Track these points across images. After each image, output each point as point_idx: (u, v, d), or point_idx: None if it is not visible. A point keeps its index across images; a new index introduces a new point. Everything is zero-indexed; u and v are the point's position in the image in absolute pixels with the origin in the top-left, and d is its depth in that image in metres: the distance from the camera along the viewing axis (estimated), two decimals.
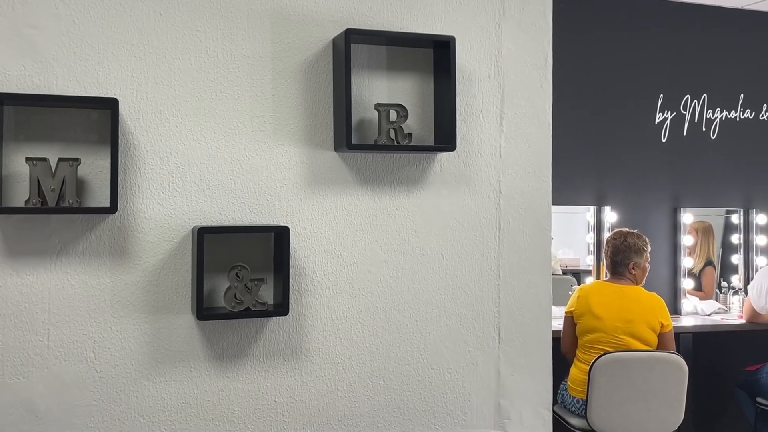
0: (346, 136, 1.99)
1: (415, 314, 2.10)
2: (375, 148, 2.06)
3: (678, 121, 4.33)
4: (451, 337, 2.12)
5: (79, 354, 1.85)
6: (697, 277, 4.47)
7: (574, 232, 4.38)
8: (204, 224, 1.94)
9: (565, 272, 4.49)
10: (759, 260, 4.39)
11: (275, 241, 1.99)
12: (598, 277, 4.18)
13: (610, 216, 4.18)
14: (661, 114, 4.30)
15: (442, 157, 2.17)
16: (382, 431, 2.05)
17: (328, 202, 2.04)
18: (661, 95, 4.30)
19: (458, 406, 2.11)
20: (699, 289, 4.45)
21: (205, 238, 1.89)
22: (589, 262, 4.35)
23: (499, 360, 2.15)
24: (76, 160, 1.84)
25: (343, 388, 2.02)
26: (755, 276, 3.94)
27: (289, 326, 1.99)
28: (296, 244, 2.00)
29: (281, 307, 1.92)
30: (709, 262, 4.49)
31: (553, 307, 3.91)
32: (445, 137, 2.12)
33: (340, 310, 2.04)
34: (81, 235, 1.87)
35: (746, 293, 3.98)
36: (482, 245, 2.18)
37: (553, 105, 4.03)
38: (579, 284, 4.00)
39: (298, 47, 2.05)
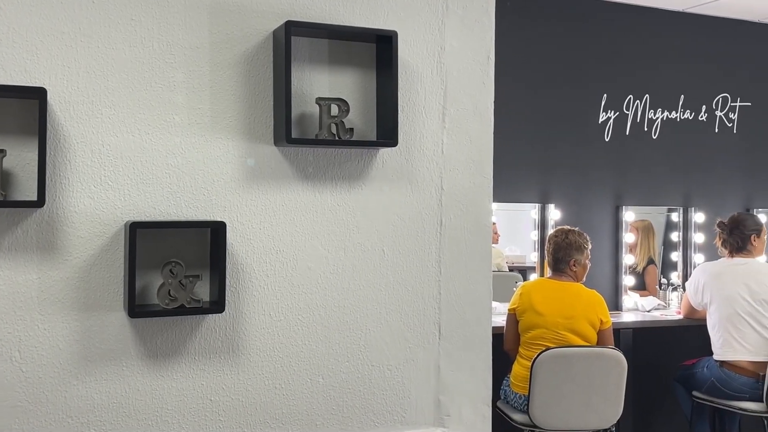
0: (286, 130, 1.96)
1: (356, 311, 2.08)
2: (316, 142, 2.03)
3: (621, 120, 4.41)
4: (392, 334, 2.11)
5: (3, 353, 1.78)
6: (641, 275, 4.56)
7: (521, 230, 4.43)
8: (137, 219, 1.89)
9: (511, 269, 4.54)
10: (697, 257, 4.50)
11: (212, 237, 1.94)
12: (542, 273, 4.23)
13: (554, 213, 4.23)
14: (604, 113, 4.38)
15: (384, 152, 2.15)
16: (320, 429, 2.02)
17: (267, 197, 2.01)
18: (605, 95, 4.37)
19: (398, 403, 2.10)
20: (642, 288, 4.54)
21: (138, 233, 1.84)
22: (533, 258, 4.40)
23: (439, 356, 2.15)
24: (2, 151, 1.76)
25: (281, 386, 1.99)
26: (692, 273, 4.04)
27: (225, 324, 1.95)
28: (234, 240, 1.96)
29: (217, 304, 1.88)
30: (650, 261, 4.59)
31: (499, 303, 3.98)
32: (387, 133, 2.11)
33: (278, 307, 2.00)
34: (6, 230, 1.79)
35: (685, 290, 4.07)
36: (424, 241, 2.17)
37: (498, 103, 4.06)
38: (525, 281, 4.04)
39: (237, 39, 2.01)
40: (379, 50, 2.17)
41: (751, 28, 4.67)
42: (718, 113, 4.62)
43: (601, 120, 4.37)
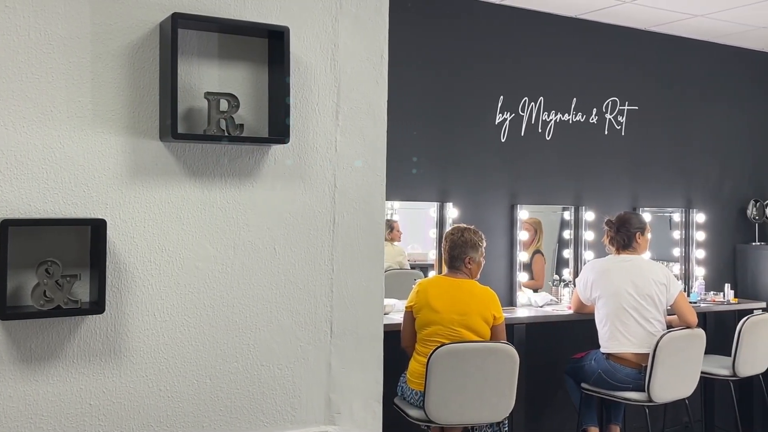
0: (172, 125, 1.90)
1: (245, 310, 2.05)
2: (203, 138, 1.99)
3: (516, 122, 4.54)
4: (282, 333, 2.09)
5: None
6: (528, 265, 4.71)
7: (422, 228, 4.49)
8: (10, 216, 1.79)
9: (413, 266, 4.60)
10: (587, 254, 4.68)
11: (92, 235, 1.87)
12: (440, 271, 4.30)
13: (453, 212, 4.31)
14: (500, 115, 4.49)
15: (276, 149, 2.13)
16: (207, 431, 1.98)
17: (151, 194, 1.95)
18: (501, 97, 4.49)
19: (288, 402, 2.08)
20: (531, 279, 4.69)
21: (11, 231, 1.74)
22: (432, 256, 4.47)
23: (331, 354, 2.15)
24: None
25: (166, 388, 1.94)
26: (582, 269, 4.20)
27: (106, 325, 1.88)
28: (116, 239, 1.89)
29: (97, 305, 1.80)
30: (537, 251, 4.75)
31: (398, 301, 4.01)
32: (278, 129, 2.08)
33: (163, 307, 1.95)
34: None
35: (575, 286, 4.23)
36: (316, 239, 2.16)
37: (398, 103, 4.10)
38: (426, 278, 4.09)
39: (121, 30, 1.93)
40: (271, 46, 2.14)
41: (639, 35, 4.90)
42: (608, 116, 4.83)
43: (497, 121, 4.48)
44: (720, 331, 4.80)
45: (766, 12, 4.44)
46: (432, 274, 4.35)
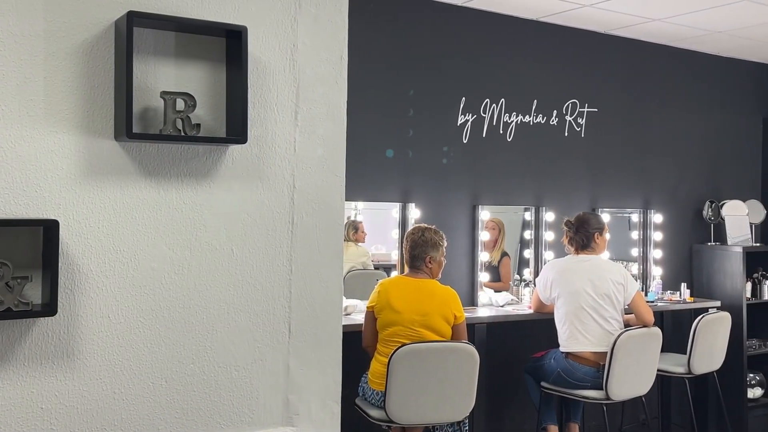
0: (127, 124, 1.88)
1: (202, 312, 2.03)
2: (159, 137, 1.97)
3: (478, 123, 4.57)
4: (240, 334, 2.08)
5: None
6: (496, 267, 4.75)
7: (386, 229, 4.49)
8: None
9: (377, 267, 4.60)
10: (548, 254, 4.74)
11: (44, 237, 1.83)
12: (403, 271, 4.31)
13: (415, 212, 4.32)
14: (463, 116, 4.52)
15: (234, 149, 2.12)
16: None
17: (106, 194, 1.92)
18: (464, 98, 4.51)
19: (245, 403, 2.07)
20: (498, 280, 4.73)
21: None
22: (395, 257, 4.48)
23: (289, 355, 2.14)
24: None
25: (120, 391, 1.91)
26: (542, 269, 4.25)
27: (59, 327, 1.85)
28: (69, 240, 1.86)
29: (49, 307, 1.77)
30: (505, 253, 4.80)
31: (360, 302, 4.01)
32: (236, 129, 2.07)
33: (118, 309, 1.92)
34: None
35: (536, 285, 4.28)
36: (274, 240, 2.15)
37: (360, 104, 4.11)
38: (387, 278, 4.10)
39: (75, 28, 1.90)
40: (229, 45, 2.13)
41: (598, 38, 4.98)
42: (568, 118, 4.89)
43: (459, 122, 4.51)
44: (676, 330, 4.90)
45: (720, 17, 4.54)
46: (395, 274, 4.36)
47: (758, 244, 5.35)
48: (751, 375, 5.18)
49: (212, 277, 2.05)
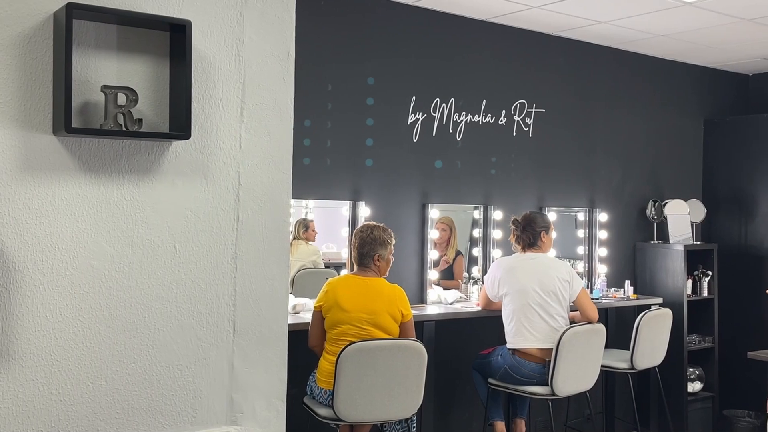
0: (66, 118, 1.84)
1: (144, 310, 2.00)
2: (99, 132, 1.93)
3: (428, 122, 4.59)
4: (183, 333, 2.05)
5: None
6: (451, 266, 4.79)
7: (338, 227, 4.48)
8: None
9: (328, 266, 4.58)
10: (495, 252, 4.79)
11: None
12: (352, 269, 4.31)
13: (365, 211, 4.32)
14: (413, 115, 4.54)
15: (178, 145, 2.09)
16: None
17: (44, 190, 1.87)
18: (414, 97, 4.53)
19: (188, 403, 2.04)
20: (451, 278, 4.76)
21: None
22: (345, 255, 4.47)
23: (234, 354, 2.12)
24: None
25: (58, 392, 1.87)
26: (490, 267, 4.30)
27: None
28: (4, 237, 1.81)
29: None
30: (458, 252, 4.84)
31: (310, 300, 3.99)
32: (179, 125, 2.04)
33: (56, 308, 1.88)
34: None
35: (484, 283, 4.32)
36: (219, 238, 2.13)
37: (309, 102, 4.09)
38: (335, 277, 4.09)
39: (12, 18, 1.85)
40: (173, 39, 2.09)
41: (546, 39, 5.05)
42: (516, 118, 4.95)
43: (410, 121, 4.53)
44: (620, 326, 5.01)
45: (663, 21, 4.65)
46: (345, 273, 4.35)
47: (699, 243, 5.51)
48: (691, 369, 5.32)
49: (154, 274, 2.02)
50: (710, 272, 5.41)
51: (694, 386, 5.33)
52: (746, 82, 6.16)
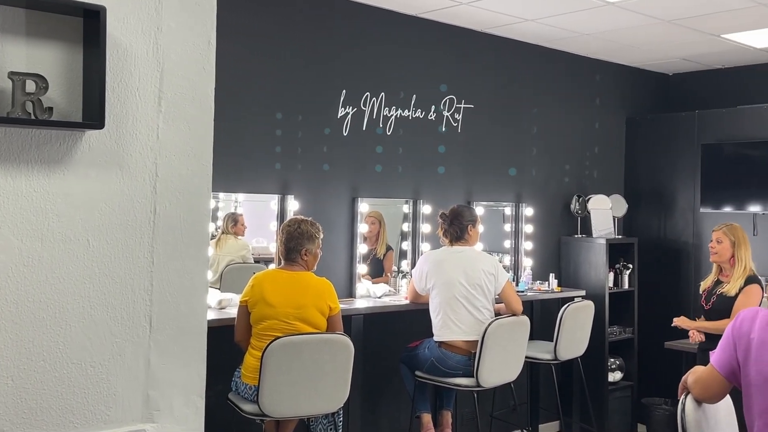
0: None
1: (54, 306, 1.93)
2: (6, 121, 1.85)
3: (358, 116, 4.58)
4: (96, 329, 1.99)
5: None
6: (381, 261, 4.79)
7: (266, 221, 4.42)
8: None
9: (257, 260, 4.52)
10: (424, 246, 4.82)
11: None
12: (279, 263, 4.27)
13: (293, 204, 4.28)
14: (343, 109, 4.52)
15: (91, 135, 2.02)
16: None
17: None
18: (344, 91, 4.51)
19: (101, 401, 1.98)
20: (381, 275, 4.77)
21: None
22: (274, 249, 4.42)
23: (150, 349, 2.07)
24: None
25: None
26: (418, 260, 4.33)
27: None
28: None
29: None
30: (389, 247, 4.84)
31: (236, 295, 3.93)
32: (93, 114, 1.97)
33: None
34: None
35: (412, 276, 4.34)
36: (135, 231, 2.07)
37: (237, 93, 4.02)
38: (261, 271, 4.04)
39: None
40: (86, 25, 2.02)
41: (475, 36, 5.10)
42: (445, 113, 4.99)
43: (340, 115, 4.51)
44: (545, 318, 5.12)
45: (587, 20, 4.76)
46: (273, 267, 4.30)
47: (620, 237, 5.68)
48: (612, 360, 5.49)
49: (66, 269, 1.95)
50: (631, 265, 5.59)
51: (615, 376, 5.50)
52: (666, 81, 6.38)
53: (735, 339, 2.35)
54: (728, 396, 2.53)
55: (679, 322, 4.29)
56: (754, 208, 5.26)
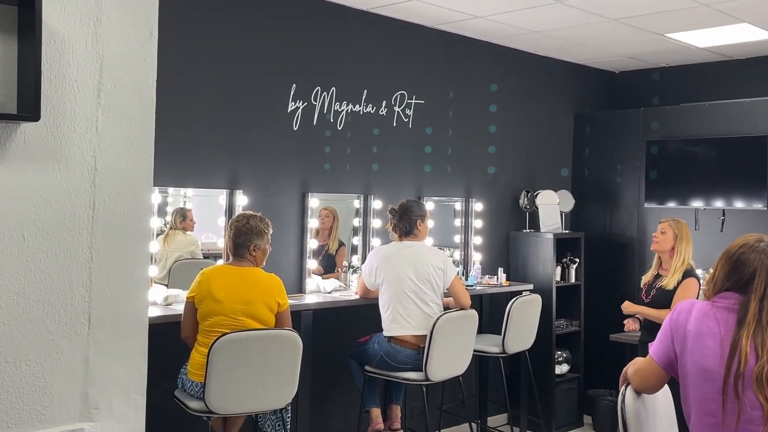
0: None
1: None
2: None
3: (309, 111, 4.56)
4: (32, 326, 1.94)
5: None
6: (333, 257, 4.78)
7: (216, 216, 4.37)
8: None
9: (206, 256, 4.47)
10: (375, 241, 4.83)
11: None
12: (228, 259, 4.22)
13: (242, 199, 4.24)
14: (293, 103, 4.49)
15: (27, 128, 1.96)
16: None
17: None
18: (294, 85, 4.48)
19: (37, 400, 1.94)
20: (333, 270, 4.75)
21: None
22: (221, 245, 4.37)
23: (89, 347, 2.03)
24: None
25: None
26: (368, 256, 4.33)
27: None
28: None
29: None
30: (341, 243, 4.84)
31: (183, 291, 3.88)
32: (28, 106, 1.92)
33: None
34: None
35: (362, 272, 4.34)
36: (73, 225, 2.02)
37: (182, 88, 3.96)
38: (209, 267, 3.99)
39: None
40: (21, 14, 1.97)
41: (426, 32, 5.12)
42: (397, 108, 5.00)
43: (290, 109, 4.48)
44: (494, 312, 5.18)
45: (536, 18, 4.82)
46: (221, 262, 4.26)
47: (567, 231, 5.77)
48: (559, 352, 5.59)
49: None
50: (578, 259, 5.69)
51: (562, 368, 5.60)
52: (613, 79, 6.51)
53: (672, 331, 2.41)
54: (667, 386, 2.60)
55: (625, 306, 4.38)
56: (697, 204, 5.40)
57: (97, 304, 2.05)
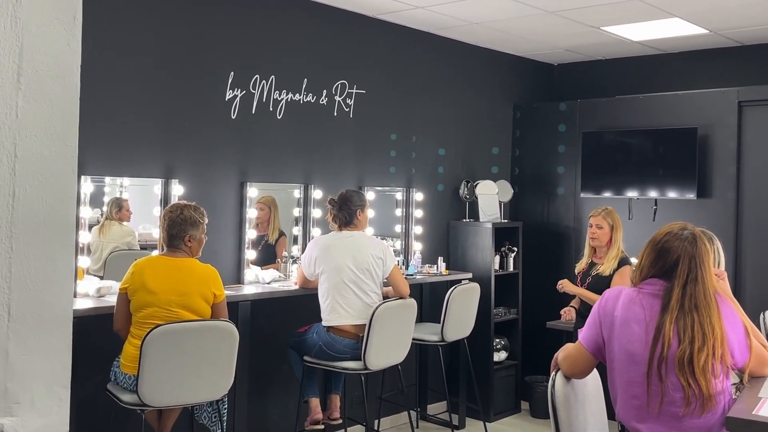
0: None
1: None
2: None
3: (247, 99, 4.50)
4: None
5: None
6: (273, 247, 4.73)
7: (151, 206, 4.28)
8: None
9: (144, 247, 4.38)
10: (315, 231, 4.81)
11: None
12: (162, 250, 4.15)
13: (178, 189, 4.17)
14: (231, 91, 4.42)
15: None
16: None
17: None
18: (232, 73, 4.42)
19: None
20: (273, 261, 4.71)
21: None
22: (156, 236, 4.29)
23: (9, 340, 1.96)
24: None
25: None
26: (307, 246, 4.31)
27: None
28: None
29: None
30: (281, 233, 4.79)
31: (117, 283, 3.80)
32: None
33: None
34: None
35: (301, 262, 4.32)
36: None
37: (114, 75, 3.86)
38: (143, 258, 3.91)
39: None
40: None
41: (367, 21, 5.11)
42: (337, 98, 4.98)
43: (228, 97, 4.41)
44: (434, 301, 5.23)
45: (476, 9, 4.86)
46: (156, 253, 4.17)
47: (506, 221, 5.86)
48: (497, 340, 5.67)
49: None
50: (516, 248, 5.78)
51: (500, 355, 5.69)
52: (551, 71, 6.61)
53: (600, 317, 2.48)
54: (596, 372, 2.67)
55: (563, 284, 4.44)
56: (631, 194, 5.54)
57: (18, 296, 1.98)
